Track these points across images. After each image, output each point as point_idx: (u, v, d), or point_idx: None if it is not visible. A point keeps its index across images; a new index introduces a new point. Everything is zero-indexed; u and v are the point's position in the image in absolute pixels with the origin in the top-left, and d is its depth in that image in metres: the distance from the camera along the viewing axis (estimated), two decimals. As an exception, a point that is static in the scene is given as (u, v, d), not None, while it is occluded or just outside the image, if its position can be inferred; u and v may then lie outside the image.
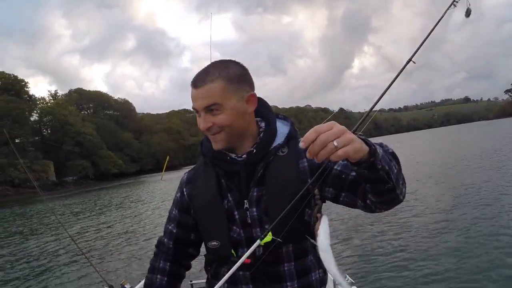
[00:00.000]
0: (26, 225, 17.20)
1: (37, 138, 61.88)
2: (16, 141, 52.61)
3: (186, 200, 1.43)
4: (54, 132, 63.65)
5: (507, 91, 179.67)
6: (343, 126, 0.90)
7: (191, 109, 1.29)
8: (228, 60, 1.30)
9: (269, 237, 1.21)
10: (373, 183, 1.07)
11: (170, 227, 1.49)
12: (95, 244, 10.61)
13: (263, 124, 1.38)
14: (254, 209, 1.29)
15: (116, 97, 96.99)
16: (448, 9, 1.34)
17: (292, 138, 1.35)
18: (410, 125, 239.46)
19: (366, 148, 0.96)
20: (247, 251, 1.23)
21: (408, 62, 1.31)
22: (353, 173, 1.20)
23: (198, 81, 1.22)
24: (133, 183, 46.66)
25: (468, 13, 1.41)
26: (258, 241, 1.21)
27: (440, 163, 18.39)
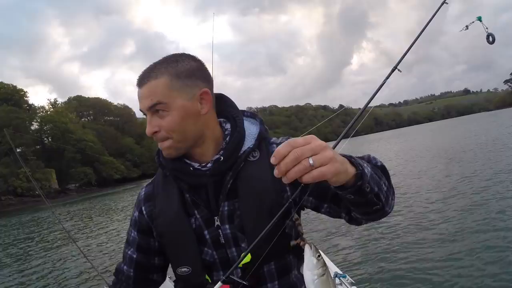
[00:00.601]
0: (32, 231, 17.32)
1: (38, 146, 61.89)
2: (18, 150, 52.66)
3: (145, 220, 1.22)
4: (55, 140, 63.66)
5: (506, 81, 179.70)
6: (324, 142, 0.76)
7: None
8: (181, 53, 1.12)
9: (247, 258, 1.06)
10: (361, 206, 0.94)
11: (129, 252, 1.27)
12: (95, 244, 10.71)
13: (228, 126, 1.19)
14: (227, 226, 1.12)
15: (116, 103, 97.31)
16: (438, 10, 1.25)
17: (263, 139, 1.18)
18: (411, 119, 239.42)
19: (352, 171, 0.83)
20: (223, 274, 1.09)
21: (393, 70, 1.21)
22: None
23: (142, 78, 1.06)
24: (136, 188, 46.63)
25: (491, 39, 1.31)
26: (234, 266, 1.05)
27: (440, 157, 18.27)
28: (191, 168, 1.13)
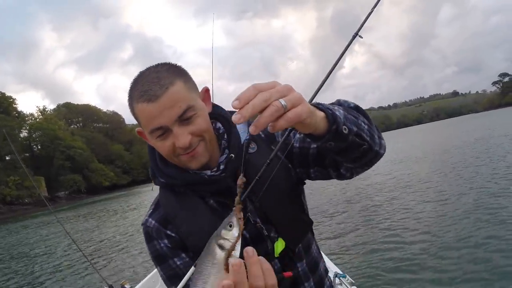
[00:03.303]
0: (31, 235, 17.39)
1: (27, 154, 61.58)
2: (6, 158, 52.41)
3: (179, 240, 1.10)
4: (44, 148, 63.39)
5: (494, 83, 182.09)
6: (288, 84, 0.69)
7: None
8: (157, 64, 1.02)
9: (282, 244, 1.06)
10: (345, 152, 0.89)
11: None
12: (95, 245, 10.77)
13: (218, 125, 1.15)
14: (258, 220, 1.09)
15: (105, 110, 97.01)
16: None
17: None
18: (400, 122, 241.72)
19: (321, 114, 0.77)
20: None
21: (354, 37, 1.18)
22: (313, 146, 1.07)
23: (154, 89, 0.93)
24: (126, 195, 46.61)
25: None
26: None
27: (428, 158, 18.65)
28: (206, 176, 1.07)
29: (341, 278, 3.06)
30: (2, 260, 12.20)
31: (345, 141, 0.82)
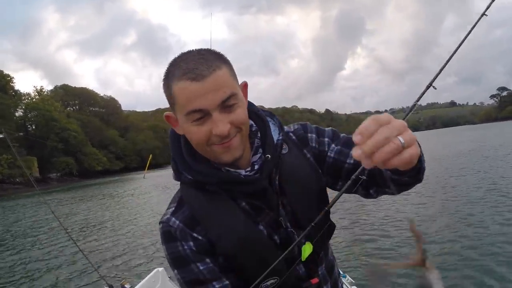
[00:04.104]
0: (21, 223, 17.02)
1: (21, 133, 61.34)
2: (0, 136, 52.14)
3: (207, 244, 1.01)
4: (38, 128, 63.17)
5: (492, 96, 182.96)
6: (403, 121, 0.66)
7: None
8: (200, 48, 0.97)
9: (310, 248, 1.03)
10: (406, 185, 0.92)
11: (217, 286, 1.00)
12: (94, 243, 10.52)
13: (251, 122, 1.08)
14: (289, 225, 1.05)
15: (102, 94, 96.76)
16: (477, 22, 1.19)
17: (282, 131, 1.11)
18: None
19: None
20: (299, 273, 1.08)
21: (428, 87, 1.15)
22: (350, 161, 1.04)
23: (201, 68, 0.88)
24: (118, 181, 46.63)
25: None
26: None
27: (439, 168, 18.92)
28: (242, 176, 1.02)
29: (341, 278, 3.06)
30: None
31: (418, 177, 0.83)
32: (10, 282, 7.94)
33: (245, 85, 1.02)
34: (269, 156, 1.01)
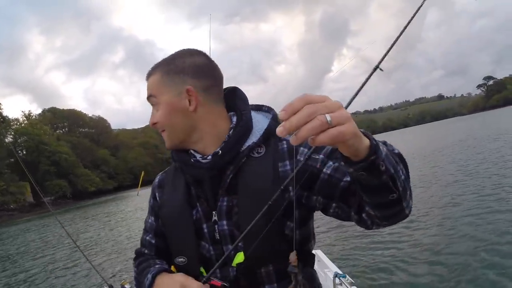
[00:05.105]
0: (26, 242, 17.25)
1: (12, 159, 61.18)
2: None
3: (158, 205, 1.25)
4: (29, 153, 63.04)
5: (479, 86, 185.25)
6: (339, 102, 0.66)
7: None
8: (188, 49, 1.14)
9: (240, 257, 1.05)
10: (374, 192, 0.84)
11: (147, 238, 1.29)
12: (94, 244, 10.76)
13: (234, 119, 1.16)
14: (224, 222, 1.09)
15: (91, 115, 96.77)
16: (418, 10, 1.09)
17: (272, 135, 1.11)
18: (386, 126, 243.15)
19: (366, 141, 0.73)
20: (219, 271, 1.09)
21: (374, 69, 1.03)
22: (346, 179, 0.98)
23: (147, 74, 1.15)
24: (113, 200, 46.49)
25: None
26: (218, 262, 1.04)
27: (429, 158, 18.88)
28: (192, 160, 1.13)
29: (341, 278, 3.00)
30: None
31: (378, 177, 0.78)
32: (9, 282, 8.10)
33: (187, 90, 1.08)
34: (220, 151, 1.08)
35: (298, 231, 1.09)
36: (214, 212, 1.11)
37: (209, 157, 1.10)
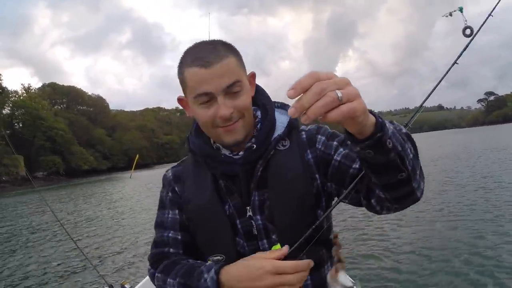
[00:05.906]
0: (15, 221, 16.56)
1: (8, 131, 61.00)
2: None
3: (180, 199, 1.19)
4: (25, 126, 62.93)
5: (479, 100, 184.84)
6: (347, 78, 0.65)
7: (165, 108, 1.41)
8: (212, 39, 1.07)
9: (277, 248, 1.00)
10: (382, 171, 0.82)
11: (170, 235, 1.17)
12: (92, 243, 10.30)
13: (258, 113, 1.17)
14: (258, 217, 1.08)
15: (90, 93, 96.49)
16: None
17: (293, 128, 1.14)
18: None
19: (372, 118, 0.72)
20: None
21: (453, 64, 1.20)
22: (356, 166, 0.99)
23: (209, 57, 0.97)
24: (106, 180, 46.41)
25: (468, 31, 1.32)
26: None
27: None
28: (222, 156, 1.10)
29: None
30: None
31: (385, 155, 0.77)
32: (9, 282, 7.87)
33: (252, 75, 1.11)
34: (254, 145, 1.08)
35: (325, 219, 1.08)
36: (248, 208, 1.09)
37: (241, 152, 1.09)
